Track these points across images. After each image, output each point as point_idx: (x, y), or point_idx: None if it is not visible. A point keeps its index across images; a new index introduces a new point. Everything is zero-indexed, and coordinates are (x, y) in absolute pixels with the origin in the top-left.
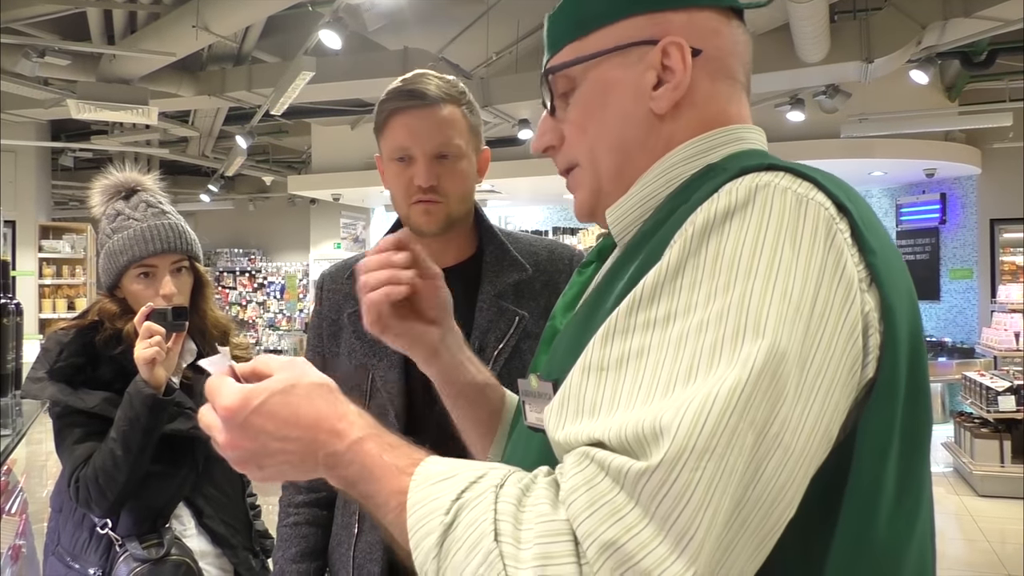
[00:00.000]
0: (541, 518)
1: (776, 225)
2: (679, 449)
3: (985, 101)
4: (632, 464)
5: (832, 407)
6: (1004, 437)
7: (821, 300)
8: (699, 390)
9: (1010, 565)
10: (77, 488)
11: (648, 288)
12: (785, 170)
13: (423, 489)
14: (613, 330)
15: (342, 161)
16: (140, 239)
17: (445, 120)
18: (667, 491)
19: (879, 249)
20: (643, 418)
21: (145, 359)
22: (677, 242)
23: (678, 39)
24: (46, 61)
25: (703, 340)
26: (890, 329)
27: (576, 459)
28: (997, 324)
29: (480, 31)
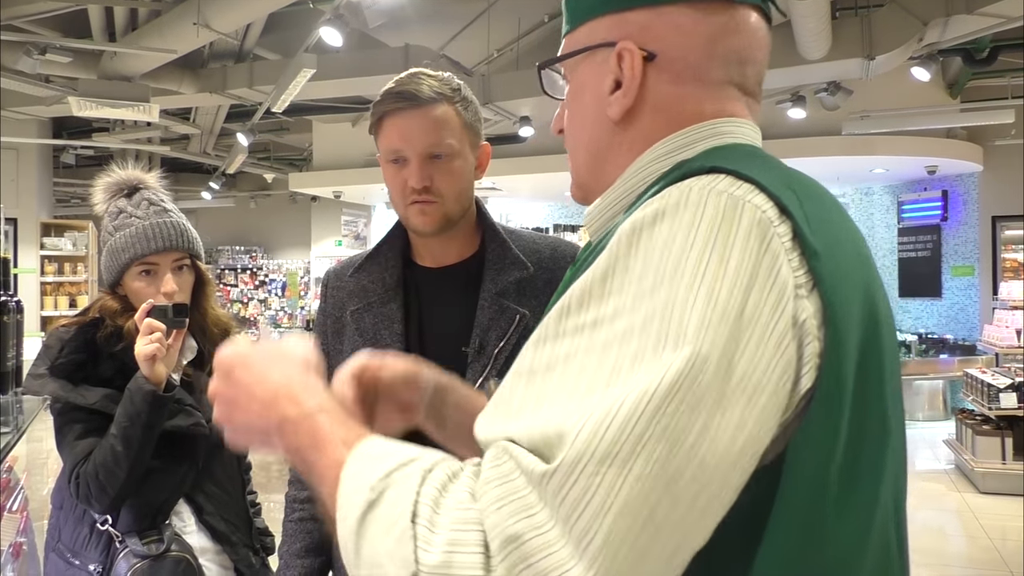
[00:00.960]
0: (458, 505)
1: (706, 229)
2: (578, 453)
3: (987, 98)
4: (538, 464)
5: (757, 420)
6: (1006, 434)
7: (749, 307)
8: (609, 396)
9: (1011, 562)
10: (78, 484)
11: (578, 293)
12: (727, 172)
13: (356, 464)
14: (544, 335)
15: (343, 158)
16: (142, 237)
17: (437, 120)
18: (567, 493)
19: (825, 251)
20: (552, 420)
21: (146, 355)
22: (608, 246)
23: (629, 44)
24: (47, 58)
25: (625, 346)
26: (833, 336)
27: (495, 453)
28: (999, 321)
29: (481, 28)
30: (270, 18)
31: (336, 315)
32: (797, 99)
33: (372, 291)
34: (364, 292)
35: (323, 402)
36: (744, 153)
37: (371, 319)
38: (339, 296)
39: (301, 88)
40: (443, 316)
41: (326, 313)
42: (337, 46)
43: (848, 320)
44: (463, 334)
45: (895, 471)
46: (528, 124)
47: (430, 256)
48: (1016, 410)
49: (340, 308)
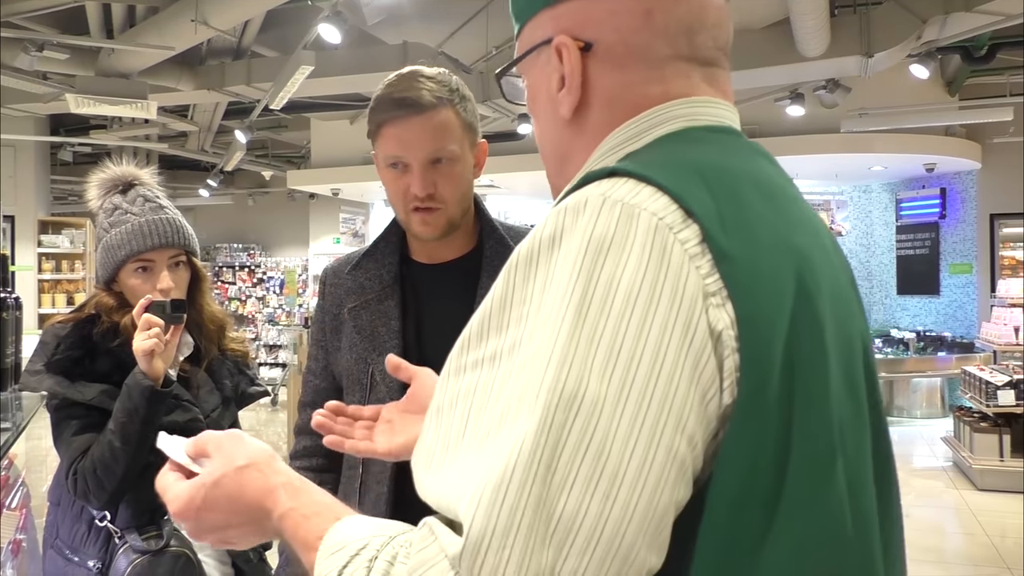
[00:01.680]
0: None
1: (596, 249)
2: (479, 532)
3: (986, 96)
4: (452, 546)
5: (683, 446)
6: (1003, 431)
7: (655, 328)
8: (501, 452)
9: (1010, 559)
10: (75, 480)
11: (476, 325)
12: (627, 175)
13: (322, 563)
14: (449, 368)
15: (341, 156)
16: (138, 234)
17: (438, 127)
18: (480, 571)
19: (741, 253)
20: (455, 488)
21: (144, 351)
22: (504, 272)
23: (564, 38)
24: (45, 55)
25: (515, 386)
26: (750, 345)
27: (423, 534)
28: (997, 319)
29: (480, 25)
30: (268, 15)
31: (334, 312)
32: (796, 96)
33: (370, 288)
34: (362, 289)
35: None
36: (688, 142)
37: (369, 316)
38: (337, 293)
39: (299, 85)
40: (441, 313)
41: (324, 310)
42: (335, 43)
43: (769, 325)
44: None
45: (857, 482)
46: (527, 121)
47: (428, 253)
48: (1014, 407)
49: (338, 305)
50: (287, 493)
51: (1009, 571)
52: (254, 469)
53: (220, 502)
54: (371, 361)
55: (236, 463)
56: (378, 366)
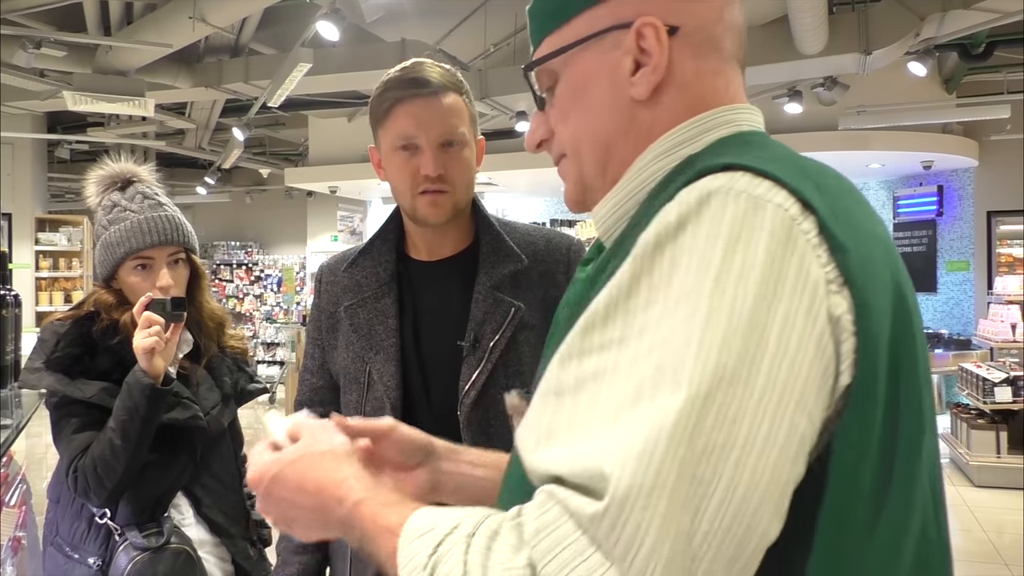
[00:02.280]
0: (503, 565)
1: (727, 235)
2: (626, 490)
3: (983, 93)
4: (587, 507)
5: (804, 422)
6: (1000, 428)
7: (782, 311)
8: (645, 421)
9: (1007, 555)
10: (75, 478)
11: (602, 308)
12: (745, 169)
13: (407, 547)
14: (569, 352)
15: (339, 153)
16: (137, 231)
17: (450, 108)
18: (620, 533)
19: (853, 245)
20: (592, 454)
21: (144, 349)
22: (630, 258)
23: (651, 19)
24: (42, 52)
25: (651, 364)
26: (865, 331)
27: (540, 500)
28: (994, 316)
29: (478, 23)
30: (266, 12)
31: (330, 310)
32: (794, 94)
33: (366, 286)
34: (358, 287)
35: (360, 491)
36: (756, 144)
37: (365, 314)
38: (333, 291)
39: (297, 83)
40: (438, 310)
41: (320, 308)
42: (334, 40)
43: (880, 313)
44: (458, 328)
45: (931, 461)
46: (524, 119)
47: (425, 249)
48: (1011, 404)
49: (334, 303)
50: (360, 483)
51: (1006, 567)
52: (331, 457)
53: (291, 480)
54: (368, 360)
55: (317, 448)
56: (375, 364)
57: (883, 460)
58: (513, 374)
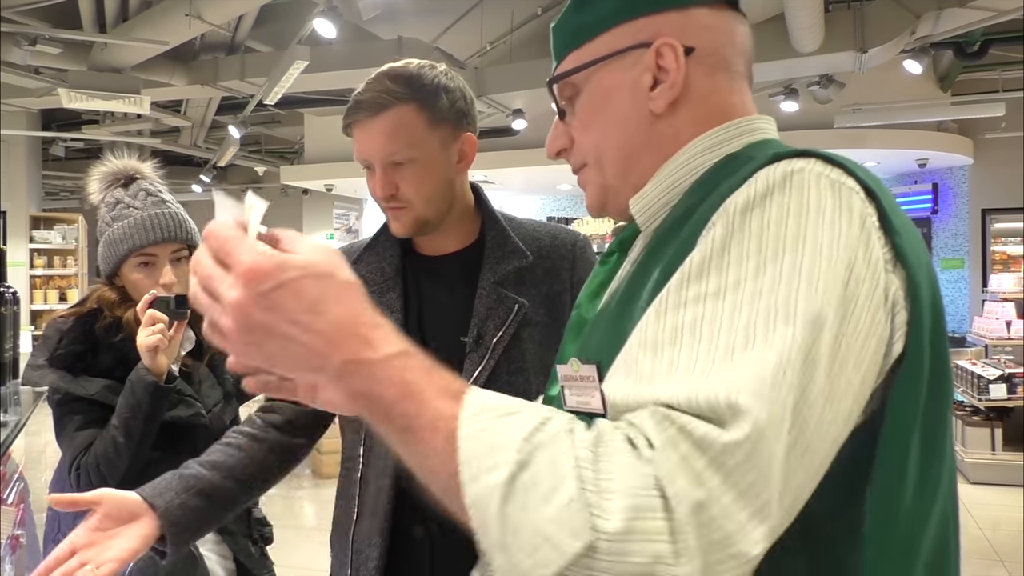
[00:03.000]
0: (627, 469)
1: (815, 205)
2: (764, 425)
3: (978, 91)
4: (717, 436)
5: (860, 380)
6: (995, 425)
7: (854, 278)
8: (767, 356)
9: (1002, 552)
10: (78, 475)
11: (696, 265)
12: (816, 156)
13: (481, 421)
14: (665, 306)
15: (335, 151)
16: (140, 228)
17: (391, 129)
18: (753, 464)
19: (904, 232)
20: (715, 387)
21: (148, 347)
22: (719, 221)
23: (670, 40)
24: (37, 49)
25: (757, 308)
26: (915, 308)
27: (656, 420)
28: (989, 313)
29: (474, 21)
30: (262, 10)
31: None
32: (790, 92)
33: (371, 281)
34: (363, 281)
35: (401, 343)
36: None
37: None
38: None
39: (293, 80)
40: (442, 305)
41: None
42: (331, 38)
43: (923, 291)
44: (462, 324)
45: (951, 432)
46: (521, 117)
47: (429, 245)
48: (1006, 401)
49: None
50: (398, 337)
51: (1002, 564)
52: (362, 293)
53: (310, 295)
54: None
55: (343, 274)
56: None
57: (926, 427)
58: (516, 370)
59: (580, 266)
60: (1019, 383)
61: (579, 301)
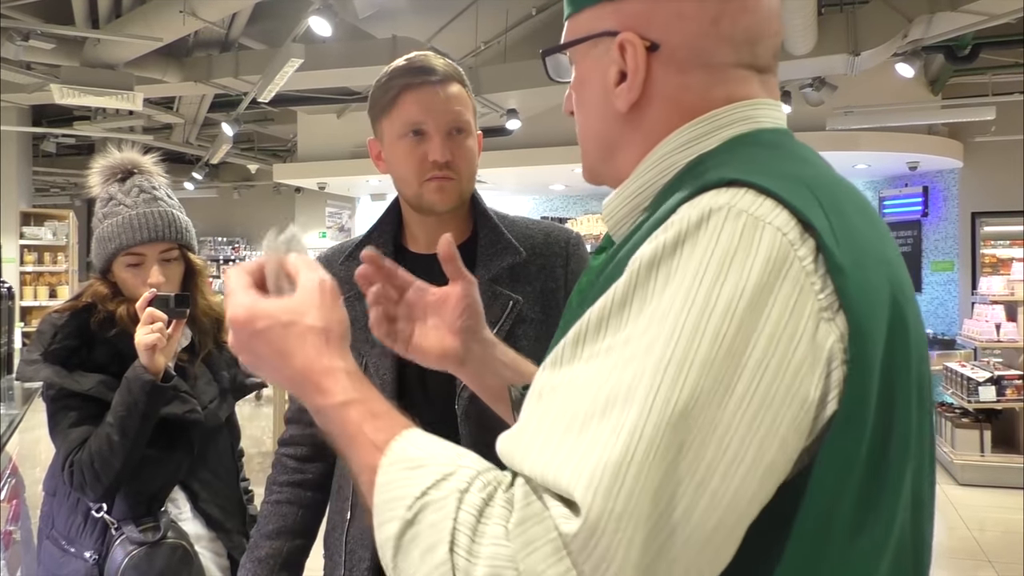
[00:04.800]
0: (494, 541)
1: (721, 258)
2: (597, 516)
3: (968, 95)
4: (561, 522)
5: (773, 451)
6: (984, 427)
7: (763, 341)
8: (613, 440)
9: (990, 552)
10: (72, 472)
11: (594, 318)
12: (748, 186)
13: (392, 471)
14: (559, 358)
15: (328, 150)
16: (127, 227)
17: (456, 96)
18: (590, 554)
19: (851, 266)
20: (561, 470)
21: (146, 345)
22: (626, 272)
23: (630, 36)
24: (30, 45)
25: (626, 377)
26: (858, 357)
27: (525, 491)
28: (978, 315)
29: (469, 20)
30: (256, 7)
31: None
32: (782, 94)
33: None
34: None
35: (349, 391)
36: (769, 146)
37: (363, 307)
38: None
39: (288, 78)
40: None
41: None
42: (326, 36)
43: (874, 336)
44: None
45: (916, 476)
46: (515, 117)
47: (424, 241)
48: (995, 403)
49: None
50: (352, 382)
51: (990, 564)
52: (322, 337)
53: (275, 344)
54: (364, 353)
55: (308, 320)
56: (371, 358)
57: (864, 485)
58: None
59: (574, 263)
60: (1008, 385)
61: (569, 301)
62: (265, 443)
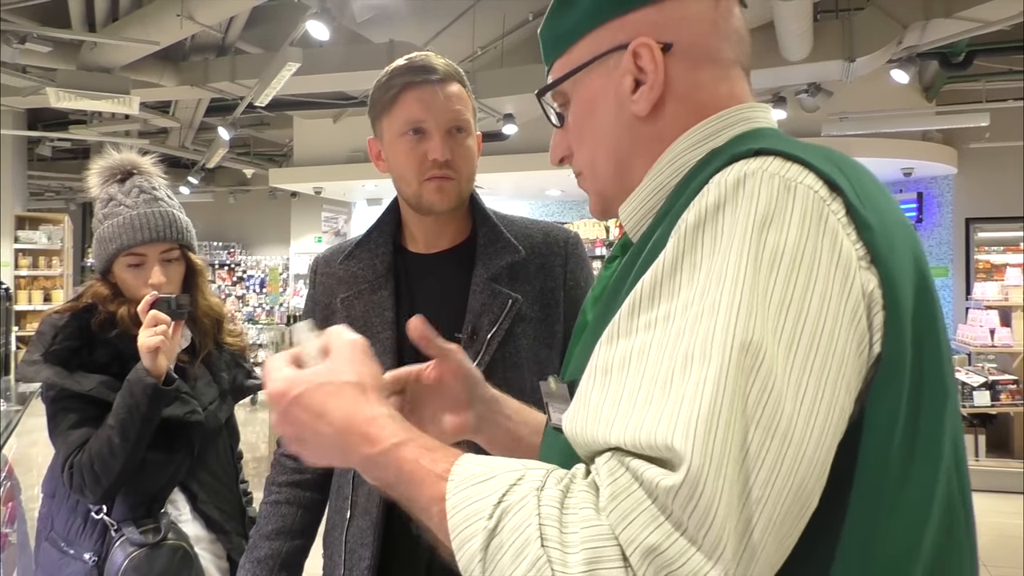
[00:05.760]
0: (586, 523)
1: (763, 215)
2: (699, 467)
3: (962, 101)
4: (660, 479)
5: (843, 390)
6: (979, 432)
7: (819, 285)
8: (699, 392)
9: (984, 557)
10: (71, 474)
11: (647, 288)
12: (774, 154)
13: (462, 492)
14: (616, 332)
15: (324, 154)
16: (128, 227)
17: (456, 95)
18: (695, 505)
19: (877, 224)
20: (654, 426)
21: (150, 348)
22: (672, 240)
23: (645, 39)
24: (26, 48)
25: (698, 335)
26: (892, 305)
27: (610, 467)
28: (973, 321)
29: (466, 25)
30: (253, 12)
31: (325, 302)
32: (778, 100)
33: (362, 278)
34: (354, 279)
35: (398, 432)
36: (775, 136)
37: (362, 306)
38: (328, 283)
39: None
40: (435, 302)
41: (315, 300)
42: (323, 40)
43: (904, 289)
44: (455, 320)
45: (954, 428)
46: (512, 122)
47: (423, 241)
48: (989, 408)
49: (330, 295)
50: (397, 424)
51: (985, 568)
52: (359, 390)
53: (314, 406)
54: None
55: (343, 376)
56: None
57: (910, 427)
58: (511, 366)
59: (573, 262)
60: (1002, 390)
61: (584, 306)
62: (260, 448)
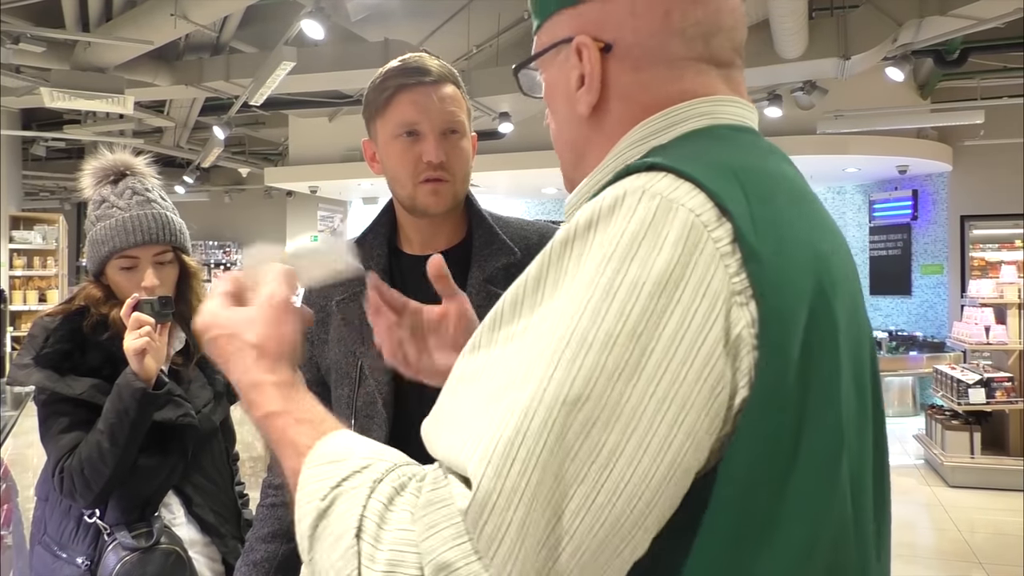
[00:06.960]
0: (400, 524)
1: (631, 238)
2: (486, 493)
3: (957, 99)
4: (461, 499)
5: (683, 433)
6: (974, 429)
7: (673, 321)
8: (509, 419)
9: (980, 554)
10: (62, 479)
11: (509, 301)
12: (667, 170)
13: (312, 469)
14: (476, 343)
15: (319, 153)
16: (121, 230)
17: (450, 97)
18: (482, 529)
19: (770, 253)
20: (462, 447)
21: (135, 350)
22: (540, 255)
23: (584, 38)
24: (20, 48)
25: (527, 358)
26: (769, 343)
27: (435, 476)
28: (968, 318)
29: (461, 24)
30: (247, 11)
31: (320, 304)
32: (773, 98)
33: (358, 280)
34: (350, 281)
35: (275, 403)
36: (716, 139)
37: (357, 308)
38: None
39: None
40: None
41: (310, 302)
42: (317, 39)
43: (789, 324)
44: None
45: (858, 476)
46: (507, 120)
47: (418, 243)
48: (984, 405)
49: (325, 297)
50: (280, 393)
51: (980, 566)
52: (255, 353)
53: (222, 351)
54: (360, 354)
55: (246, 335)
56: (367, 359)
57: (783, 474)
58: None
59: None
60: (998, 387)
61: None
62: (256, 447)
